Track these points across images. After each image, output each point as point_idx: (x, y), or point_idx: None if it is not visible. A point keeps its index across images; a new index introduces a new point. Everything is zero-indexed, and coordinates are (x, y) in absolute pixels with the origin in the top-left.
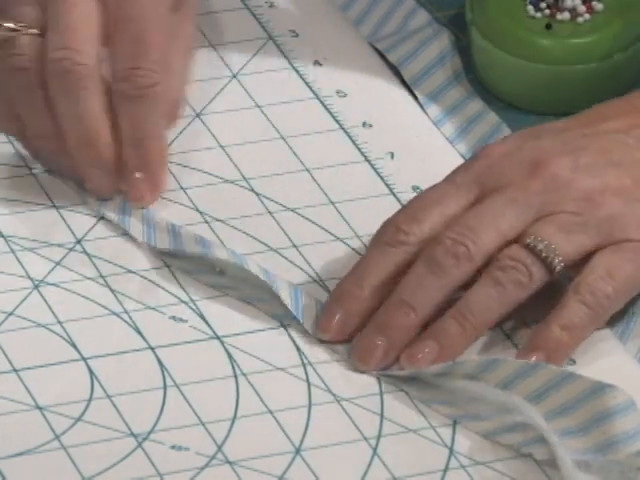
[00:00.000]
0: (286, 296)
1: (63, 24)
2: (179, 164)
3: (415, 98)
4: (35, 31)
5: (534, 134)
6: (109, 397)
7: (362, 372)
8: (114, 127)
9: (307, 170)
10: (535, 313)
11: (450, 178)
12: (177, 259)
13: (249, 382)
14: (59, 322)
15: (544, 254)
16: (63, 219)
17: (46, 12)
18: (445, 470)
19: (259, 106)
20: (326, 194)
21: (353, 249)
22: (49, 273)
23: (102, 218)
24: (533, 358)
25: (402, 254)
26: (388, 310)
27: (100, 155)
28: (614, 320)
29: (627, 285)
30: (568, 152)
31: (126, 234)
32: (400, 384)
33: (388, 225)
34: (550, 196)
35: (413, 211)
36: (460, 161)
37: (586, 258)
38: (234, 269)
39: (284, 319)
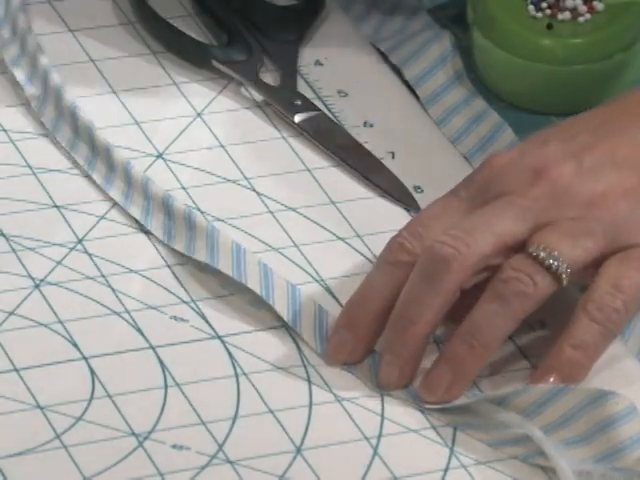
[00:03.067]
0: (282, 308)
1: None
2: (179, 163)
3: (417, 98)
4: None
5: (541, 139)
6: (110, 396)
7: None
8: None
9: (308, 170)
10: (539, 313)
11: (454, 191)
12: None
13: (250, 382)
14: (60, 321)
15: (548, 262)
16: (64, 219)
17: None
18: (446, 470)
19: (259, 106)
20: (327, 194)
21: (354, 249)
22: (50, 273)
23: (103, 217)
24: (550, 380)
25: (405, 274)
26: (389, 328)
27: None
28: None
29: (636, 295)
30: (572, 155)
31: (127, 234)
32: (399, 393)
33: (392, 243)
34: (551, 202)
35: (415, 227)
36: (461, 161)
37: (595, 264)
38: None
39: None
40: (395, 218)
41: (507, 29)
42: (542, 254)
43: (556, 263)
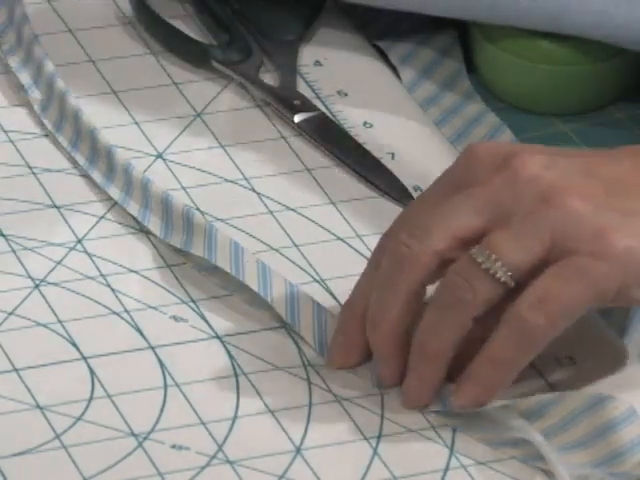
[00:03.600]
0: (280, 306)
1: None
2: (179, 163)
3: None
4: None
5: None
6: (110, 396)
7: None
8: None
9: (307, 170)
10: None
11: (434, 183)
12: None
13: (249, 381)
14: (60, 321)
15: (487, 265)
16: (64, 218)
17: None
18: (446, 470)
19: (259, 106)
20: (326, 194)
21: (354, 249)
22: (50, 273)
23: (103, 217)
24: (468, 388)
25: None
26: (367, 332)
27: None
28: (614, 316)
29: (563, 311)
30: (547, 153)
31: (127, 234)
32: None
33: (377, 244)
34: (508, 193)
35: (395, 226)
36: None
37: (543, 265)
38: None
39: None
40: (394, 218)
41: (507, 30)
42: (481, 258)
43: (495, 266)
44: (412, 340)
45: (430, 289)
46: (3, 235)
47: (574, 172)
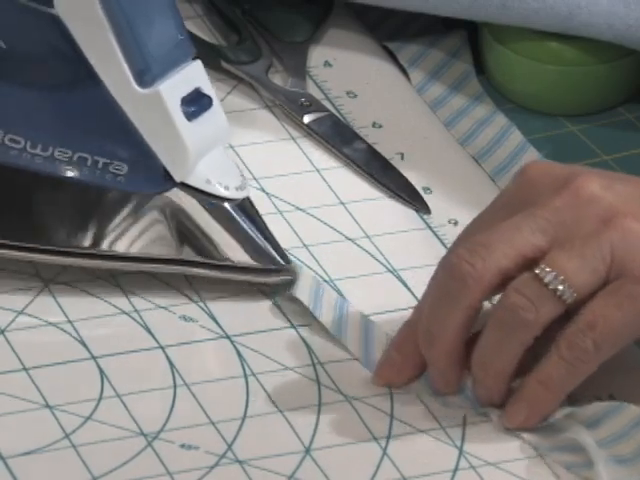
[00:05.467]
0: (328, 321)
1: None
2: None
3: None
4: None
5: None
6: (119, 396)
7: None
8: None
9: (317, 170)
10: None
11: (493, 202)
12: None
13: (259, 381)
14: (69, 321)
15: (553, 285)
16: None
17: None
18: (455, 470)
19: (268, 107)
20: (336, 194)
21: (363, 249)
22: (60, 273)
23: None
24: (517, 409)
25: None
26: (418, 343)
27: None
28: None
29: (611, 336)
30: (605, 176)
31: None
32: (454, 399)
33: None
34: (570, 213)
35: (458, 244)
36: (470, 163)
37: (603, 286)
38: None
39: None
40: (404, 219)
41: (516, 30)
42: (547, 277)
43: (562, 287)
44: (473, 356)
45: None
46: None
47: (631, 196)
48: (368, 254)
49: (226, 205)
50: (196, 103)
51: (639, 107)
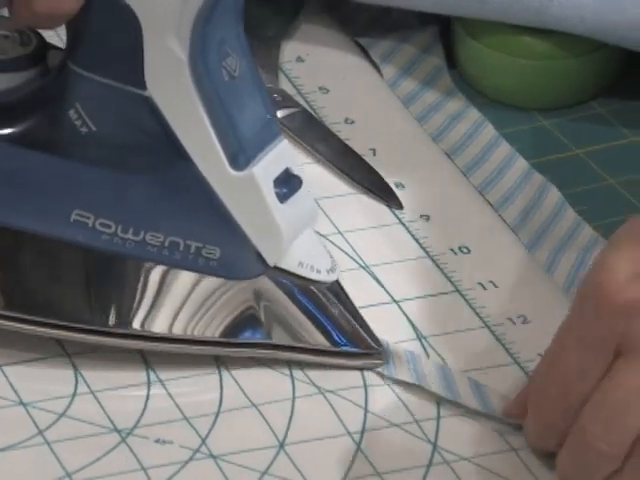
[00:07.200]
0: (474, 403)
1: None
2: None
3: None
4: None
5: None
6: (93, 393)
7: None
8: None
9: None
10: (522, 308)
11: (579, 339)
12: None
13: (232, 376)
14: None
15: None
16: None
17: None
18: (429, 465)
19: None
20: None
21: (335, 245)
22: None
23: None
24: None
25: None
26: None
27: None
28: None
29: None
30: None
31: None
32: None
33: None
34: None
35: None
36: (443, 158)
37: None
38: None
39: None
40: (376, 215)
41: (489, 24)
42: None
43: None
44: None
45: None
46: None
47: None
48: (340, 250)
49: (318, 288)
50: (287, 184)
51: (611, 101)
